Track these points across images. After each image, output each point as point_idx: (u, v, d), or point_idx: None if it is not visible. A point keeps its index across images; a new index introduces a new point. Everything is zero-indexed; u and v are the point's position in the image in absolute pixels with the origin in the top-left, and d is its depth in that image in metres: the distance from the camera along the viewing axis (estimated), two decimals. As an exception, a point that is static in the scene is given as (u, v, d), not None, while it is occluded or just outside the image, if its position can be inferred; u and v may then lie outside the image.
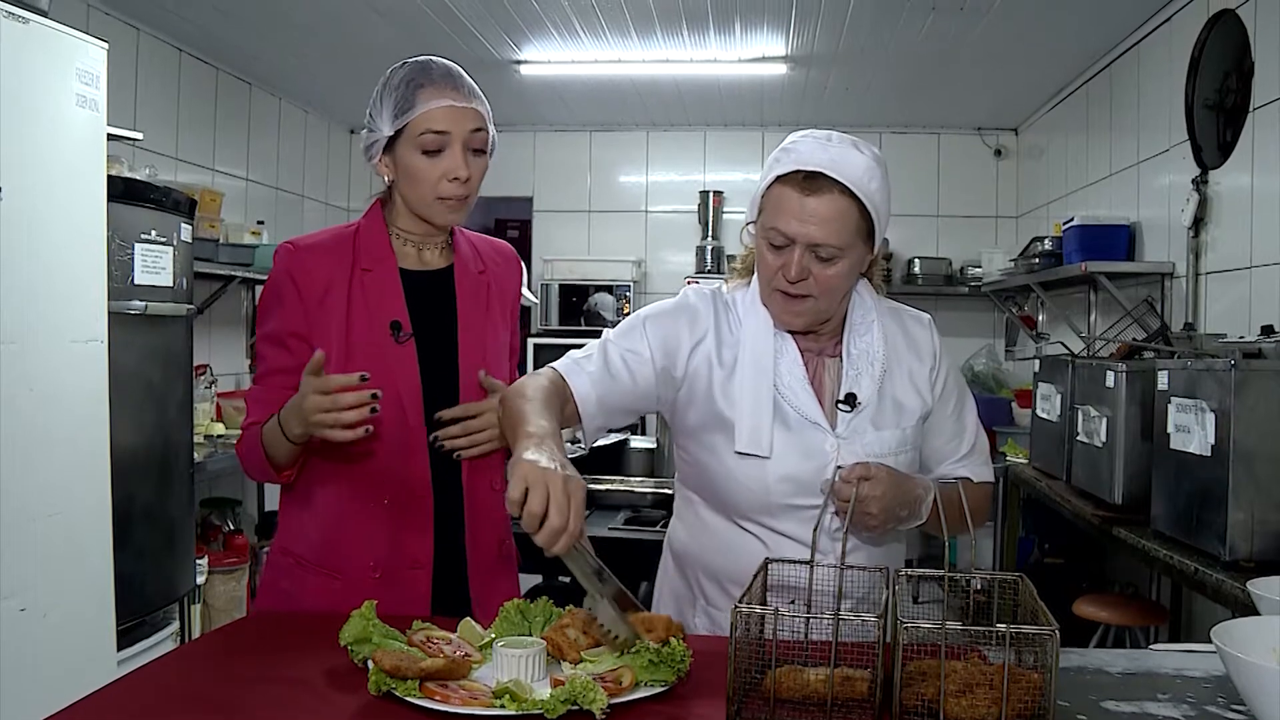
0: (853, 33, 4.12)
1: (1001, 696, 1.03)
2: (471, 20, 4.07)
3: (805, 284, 1.46)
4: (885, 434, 1.53)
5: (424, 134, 1.56)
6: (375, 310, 1.61)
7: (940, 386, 1.61)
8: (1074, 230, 3.95)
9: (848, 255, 1.45)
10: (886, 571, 1.29)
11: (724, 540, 1.56)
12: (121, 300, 2.73)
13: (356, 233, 1.66)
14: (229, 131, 4.81)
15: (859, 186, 1.42)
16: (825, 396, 1.54)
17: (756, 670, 1.13)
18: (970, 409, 1.66)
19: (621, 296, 5.77)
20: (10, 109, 2.16)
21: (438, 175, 1.58)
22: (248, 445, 1.62)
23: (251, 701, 1.16)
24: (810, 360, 1.56)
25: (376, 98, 1.60)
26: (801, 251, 1.43)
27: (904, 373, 1.58)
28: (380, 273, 1.63)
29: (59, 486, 2.33)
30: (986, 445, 1.69)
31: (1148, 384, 2.60)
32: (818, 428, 1.51)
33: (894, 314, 1.63)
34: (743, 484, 1.51)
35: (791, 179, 1.43)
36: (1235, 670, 1.08)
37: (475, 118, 1.59)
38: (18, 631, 2.17)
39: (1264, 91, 2.96)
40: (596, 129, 6.09)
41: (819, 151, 1.43)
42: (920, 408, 1.57)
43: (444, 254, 1.71)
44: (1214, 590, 2.10)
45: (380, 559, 1.60)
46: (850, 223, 1.43)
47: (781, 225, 1.43)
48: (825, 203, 1.41)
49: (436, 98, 1.56)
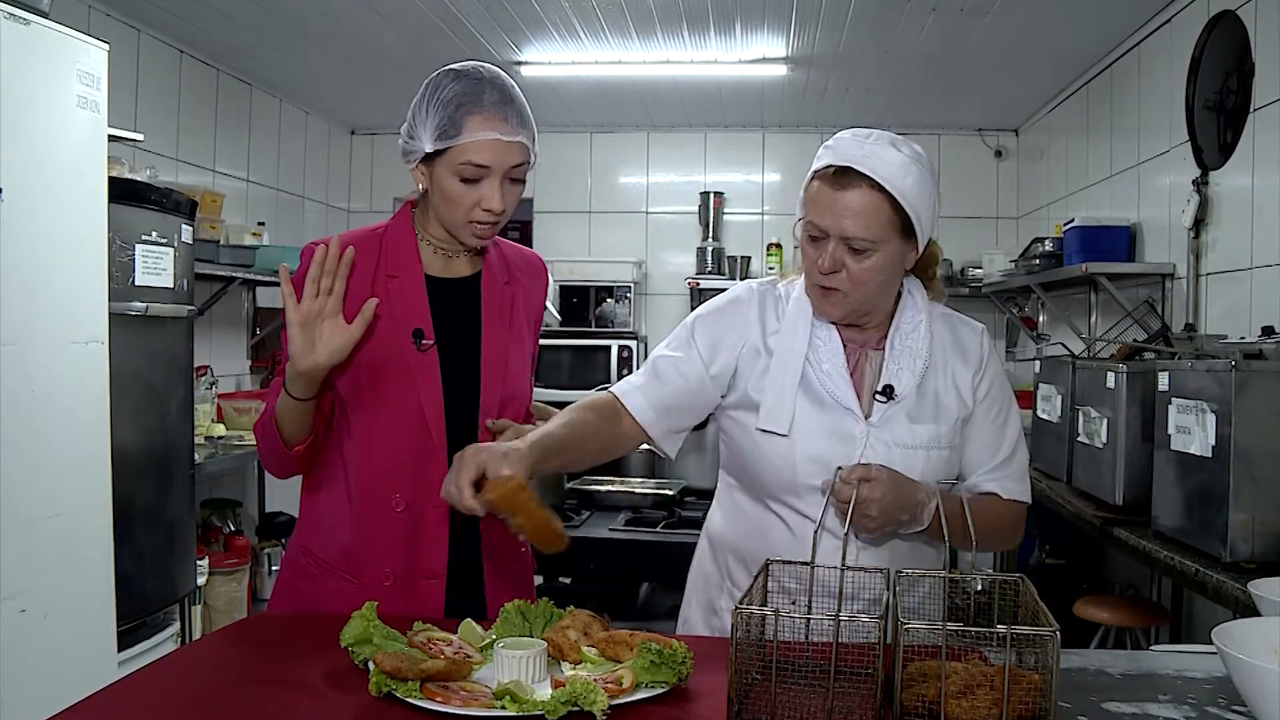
0: (853, 34, 4.12)
1: (1002, 697, 1.03)
2: (472, 21, 4.07)
3: (839, 277, 1.50)
4: (919, 428, 1.54)
5: (465, 164, 1.52)
6: (399, 317, 1.59)
7: (984, 392, 1.61)
8: (1074, 231, 3.95)
9: (881, 249, 1.48)
10: (887, 572, 1.29)
11: (754, 523, 1.61)
12: (122, 301, 2.73)
13: (384, 236, 1.64)
14: (230, 133, 4.82)
15: (890, 182, 1.45)
16: (864, 387, 1.57)
17: (757, 671, 1.13)
18: (1014, 424, 1.64)
19: (623, 298, 5.78)
20: (11, 110, 2.16)
21: (472, 203, 1.55)
22: (263, 429, 1.60)
23: (252, 703, 1.16)
24: (854, 352, 1.59)
25: (421, 105, 1.55)
26: (834, 244, 1.48)
27: (948, 374, 1.59)
28: (405, 279, 1.61)
29: (60, 487, 2.33)
30: (1025, 462, 1.67)
31: (1148, 385, 2.60)
32: (849, 413, 1.54)
33: (946, 319, 1.65)
34: (771, 461, 1.55)
35: (825, 174, 1.48)
36: (1236, 671, 1.08)
37: (520, 152, 1.55)
38: (18, 632, 2.17)
39: (1264, 92, 2.96)
40: (597, 130, 6.09)
41: (854, 148, 1.47)
42: (959, 410, 1.58)
43: (471, 262, 1.69)
44: (1215, 591, 2.10)
45: (395, 567, 1.59)
46: (882, 217, 1.46)
47: (815, 218, 1.49)
48: (855, 196, 1.46)
49: (484, 129, 1.51)
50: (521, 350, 1.71)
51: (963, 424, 1.59)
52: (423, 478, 1.59)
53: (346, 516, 1.62)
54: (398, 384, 1.57)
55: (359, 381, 1.58)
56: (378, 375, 1.56)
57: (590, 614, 1.35)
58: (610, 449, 1.59)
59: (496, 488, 1.30)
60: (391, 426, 1.59)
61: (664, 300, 6.08)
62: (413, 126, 1.56)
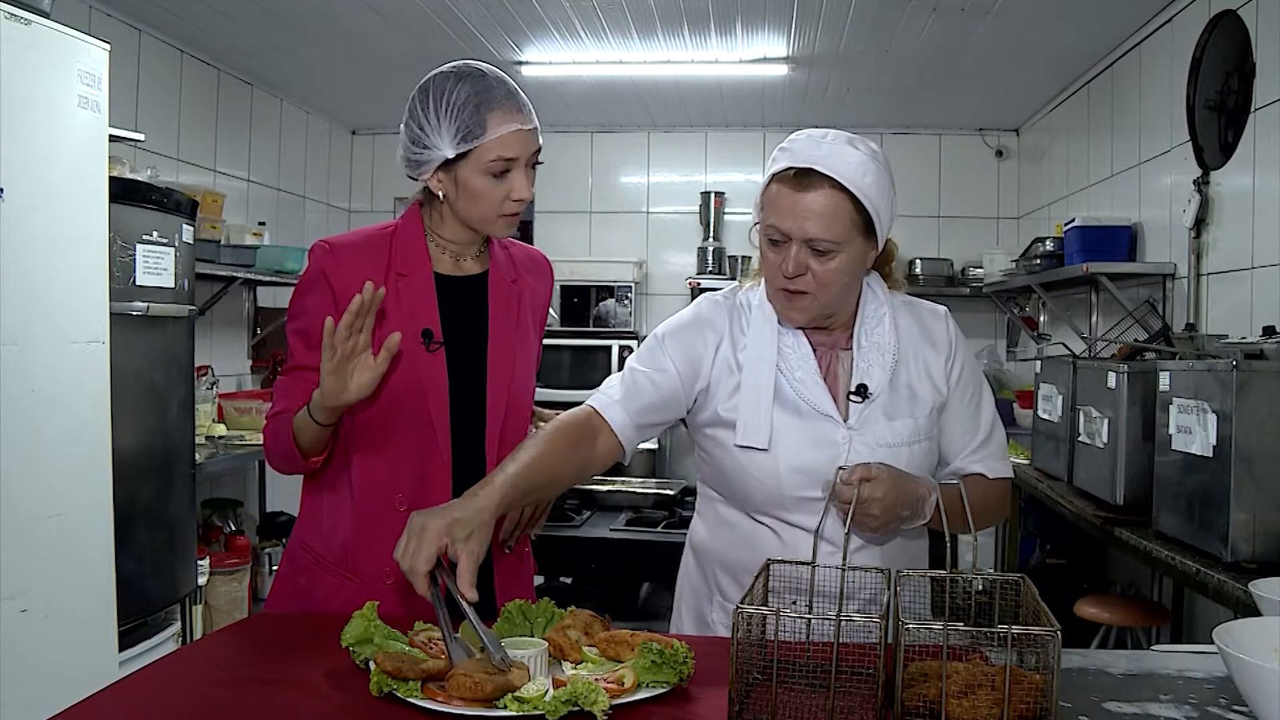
0: (854, 33, 4.12)
1: (1003, 698, 1.03)
2: (472, 21, 4.07)
3: (804, 280, 1.48)
4: (898, 424, 1.54)
5: (494, 160, 1.54)
6: (408, 316, 1.60)
7: (956, 376, 1.61)
8: (1075, 231, 3.95)
9: (845, 250, 1.47)
10: (888, 572, 1.29)
11: (740, 535, 1.59)
12: (123, 301, 2.73)
13: (393, 235, 1.64)
14: (230, 132, 4.82)
15: (851, 181, 1.44)
16: (839, 389, 1.56)
17: (758, 671, 1.13)
18: (987, 402, 1.66)
19: (623, 298, 5.78)
20: (12, 110, 2.16)
21: (502, 196, 1.57)
22: (275, 434, 1.61)
23: (253, 703, 1.16)
24: (824, 354, 1.58)
25: (429, 113, 1.54)
26: (798, 247, 1.47)
27: (919, 363, 1.59)
28: (415, 278, 1.62)
29: (60, 487, 2.33)
30: (1004, 439, 1.69)
31: (1149, 385, 2.60)
32: (829, 419, 1.53)
33: (909, 306, 1.64)
34: (755, 477, 1.54)
35: (785, 176, 1.47)
36: (1237, 671, 1.07)
37: (537, 138, 1.59)
38: (19, 632, 2.17)
39: (1265, 92, 2.96)
40: (597, 130, 6.09)
41: (812, 149, 1.46)
42: (934, 398, 1.58)
43: (479, 260, 1.70)
44: (1216, 591, 2.10)
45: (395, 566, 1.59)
46: (844, 217, 1.45)
47: (777, 222, 1.47)
48: (817, 198, 1.44)
49: (506, 122, 1.54)
50: (527, 349, 1.72)
51: (939, 411, 1.59)
52: (426, 478, 1.60)
53: (348, 515, 1.62)
54: (405, 383, 1.58)
55: None
56: (385, 375, 1.56)
57: (591, 614, 1.35)
58: (583, 473, 1.57)
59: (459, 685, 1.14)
60: (397, 425, 1.59)
61: (665, 300, 6.08)
62: (422, 136, 1.56)
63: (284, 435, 1.58)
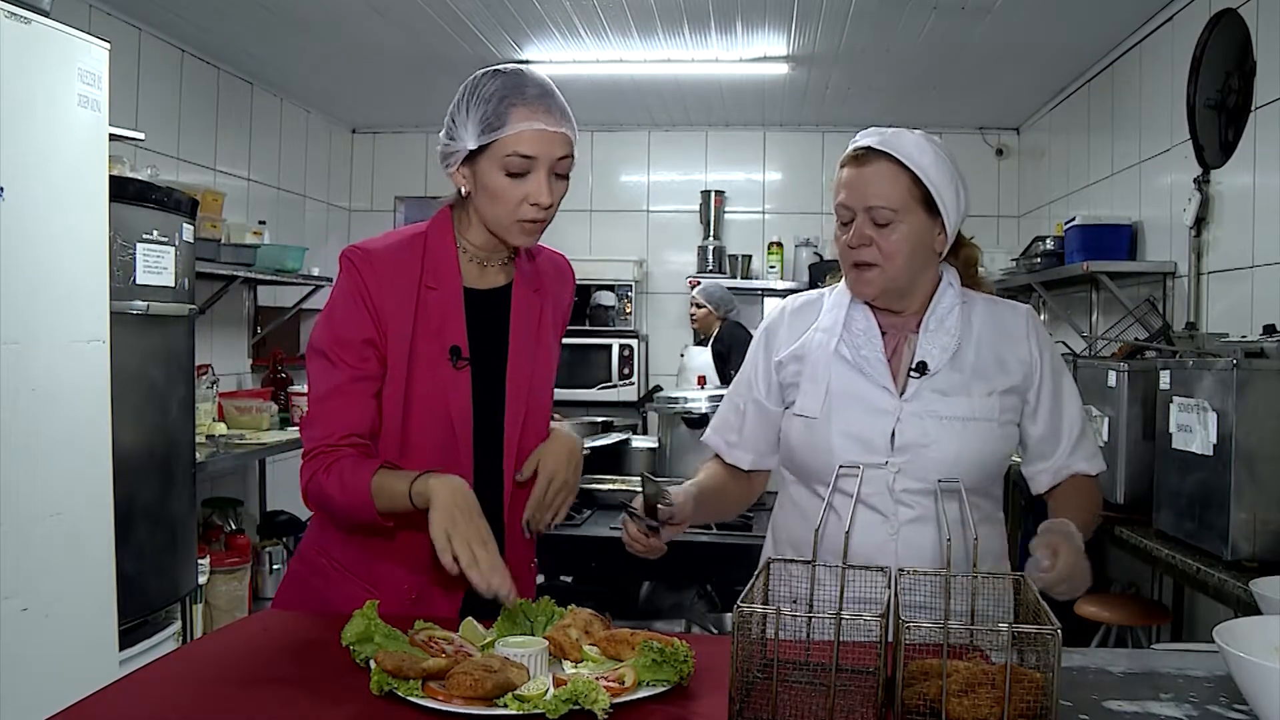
0: (854, 32, 4.12)
1: (1004, 696, 1.03)
2: (473, 20, 4.07)
3: (869, 251, 1.56)
4: (953, 400, 1.57)
5: (510, 156, 1.51)
6: (437, 331, 1.57)
7: (1039, 372, 1.64)
8: (1076, 230, 3.94)
9: (904, 220, 1.55)
10: (889, 571, 1.29)
11: (803, 509, 1.67)
12: (123, 300, 2.73)
13: (425, 243, 1.61)
14: (230, 131, 4.82)
15: (908, 157, 1.55)
16: (900, 368, 1.62)
17: (759, 670, 1.13)
18: (1070, 398, 1.68)
19: (623, 295, 5.77)
20: (12, 109, 2.16)
21: (519, 198, 1.53)
22: (350, 497, 1.48)
23: (253, 702, 1.16)
24: (893, 336, 1.65)
25: (461, 105, 1.53)
26: (861, 218, 1.56)
27: (989, 350, 1.62)
28: (445, 293, 1.59)
29: (61, 486, 2.33)
30: (1092, 432, 1.74)
31: (1149, 383, 2.60)
32: (884, 390, 1.59)
33: (989, 302, 1.69)
34: (810, 442, 1.62)
35: (848, 159, 1.60)
36: (1237, 670, 1.08)
37: (564, 143, 1.55)
38: (19, 631, 2.18)
39: (1266, 91, 2.96)
40: (598, 128, 6.09)
41: (871, 136, 1.59)
42: (1001, 383, 1.60)
43: (505, 271, 1.67)
44: (1216, 590, 2.10)
45: (416, 581, 1.58)
46: (901, 187, 1.55)
47: (842, 200, 1.59)
48: (874, 170, 1.56)
49: (528, 119, 1.51)
50: (547, 360, 1.70)
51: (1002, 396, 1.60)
52: None
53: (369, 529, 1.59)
54: (430, 398, 1.55)
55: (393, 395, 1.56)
56: (412, 389, 1.55)
57: (592, 612, 1.35)
58: (745, 503, 1.84)
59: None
60: (421, 440, 1.57)
61: (665, 299, 6.09)
62: (452, 128, 1.54)
63: (365, 500, 1.46)
